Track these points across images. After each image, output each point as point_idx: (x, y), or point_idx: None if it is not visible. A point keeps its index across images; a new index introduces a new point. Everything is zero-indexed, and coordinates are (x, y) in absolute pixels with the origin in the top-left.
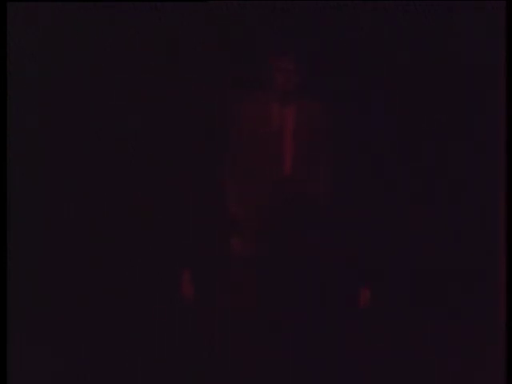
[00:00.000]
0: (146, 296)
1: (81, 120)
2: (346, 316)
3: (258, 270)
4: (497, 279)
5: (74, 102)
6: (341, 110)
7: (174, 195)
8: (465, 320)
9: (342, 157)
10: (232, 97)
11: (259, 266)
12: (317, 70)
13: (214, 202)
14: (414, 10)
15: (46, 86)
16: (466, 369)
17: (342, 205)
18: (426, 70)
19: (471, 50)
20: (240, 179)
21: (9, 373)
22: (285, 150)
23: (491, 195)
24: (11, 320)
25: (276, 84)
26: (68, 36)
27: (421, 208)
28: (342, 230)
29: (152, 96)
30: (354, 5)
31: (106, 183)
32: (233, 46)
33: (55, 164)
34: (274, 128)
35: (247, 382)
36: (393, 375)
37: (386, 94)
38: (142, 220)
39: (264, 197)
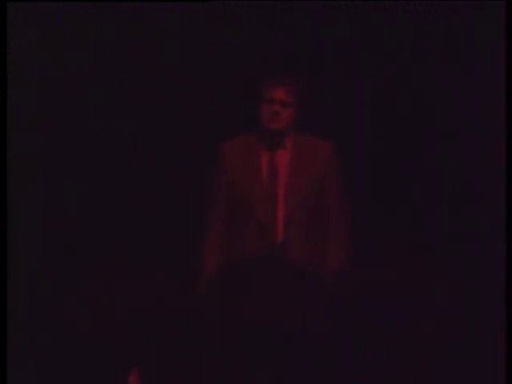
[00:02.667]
0: (146, 296)
1: (81, 120)
2: None
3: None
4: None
5: (74, 102)
6: (340, 113)
7: (174, 196)
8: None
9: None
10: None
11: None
12: (316, 70)
13: None
14: (413, 9)
15: (46, 86)
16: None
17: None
18: (426, 70)
19: (471, 49)
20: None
21: (8, 373)
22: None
23: (491, 197)
24: (11, 320)
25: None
26: (68, 36)
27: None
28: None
29: (152, 96)
30: (353, 5)
31: (105, 183)
32: (233, 46)
33: (55, 164)
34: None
35: None
36: None
37: (386, 95)
38: (142, 220)
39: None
